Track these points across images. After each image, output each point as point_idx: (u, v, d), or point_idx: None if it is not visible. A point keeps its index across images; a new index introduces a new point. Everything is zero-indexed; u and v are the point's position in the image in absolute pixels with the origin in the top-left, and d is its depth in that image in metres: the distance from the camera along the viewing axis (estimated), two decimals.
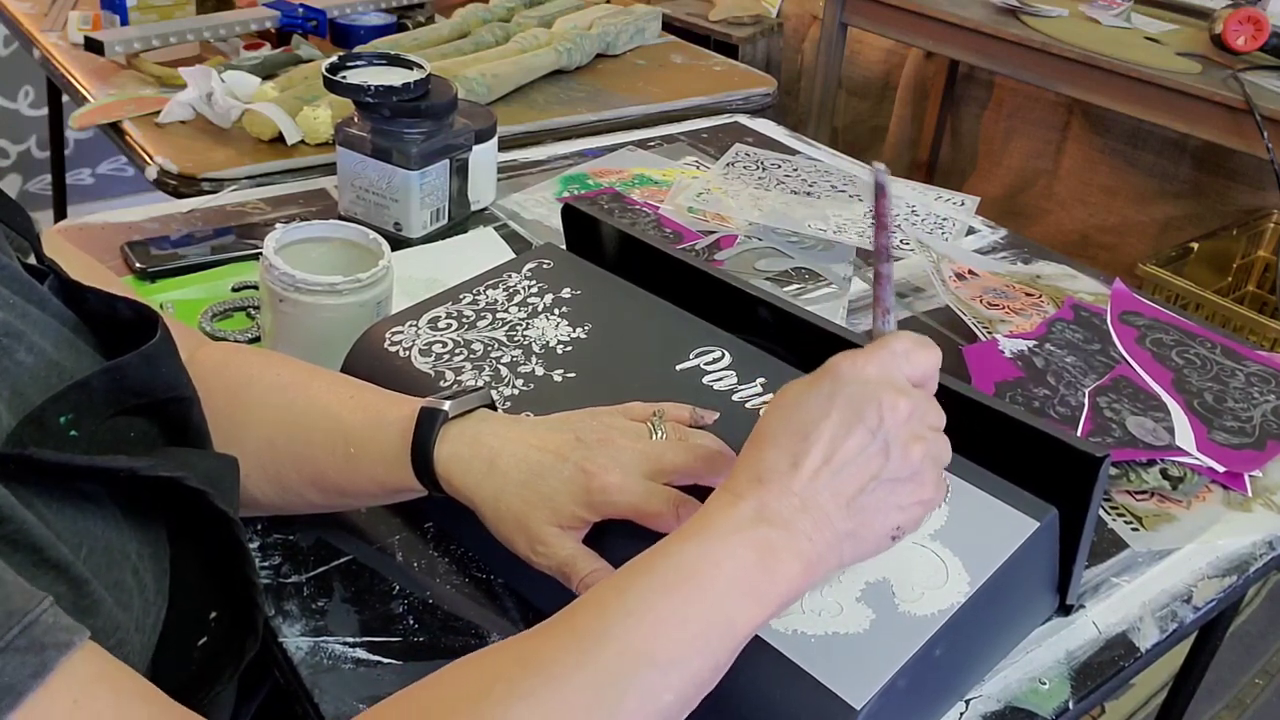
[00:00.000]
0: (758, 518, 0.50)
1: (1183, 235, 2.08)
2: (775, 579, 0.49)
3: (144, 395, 0.52)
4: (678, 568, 0.49)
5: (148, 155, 1.23)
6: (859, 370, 0.52)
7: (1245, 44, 1.81)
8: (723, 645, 0.48)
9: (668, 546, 0.50)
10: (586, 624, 0.47)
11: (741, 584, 0.48)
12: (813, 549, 0.50)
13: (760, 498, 0.50)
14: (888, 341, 0.53)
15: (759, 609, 0.49)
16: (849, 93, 2.72)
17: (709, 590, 0.48)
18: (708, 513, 0.51)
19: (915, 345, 0.54)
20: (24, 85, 2.58)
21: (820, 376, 0.53)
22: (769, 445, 0.52)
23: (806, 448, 0.51)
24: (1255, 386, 0.93)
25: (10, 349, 0.49)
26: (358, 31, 1.55)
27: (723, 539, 0.49)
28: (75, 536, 0.46)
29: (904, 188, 1.29)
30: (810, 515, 0.50)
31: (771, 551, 0.49)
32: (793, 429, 0.51)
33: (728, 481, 0.52)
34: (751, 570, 0.49)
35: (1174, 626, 0.70)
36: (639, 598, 0.48)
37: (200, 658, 0.51)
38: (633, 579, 0.49)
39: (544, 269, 0.81)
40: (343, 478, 0.63)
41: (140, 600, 0.48)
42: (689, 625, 0.47)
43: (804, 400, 0.52)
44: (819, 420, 0.51)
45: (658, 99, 1.54)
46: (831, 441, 0.50)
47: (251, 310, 0.93)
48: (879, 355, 0.52)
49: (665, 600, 0.47)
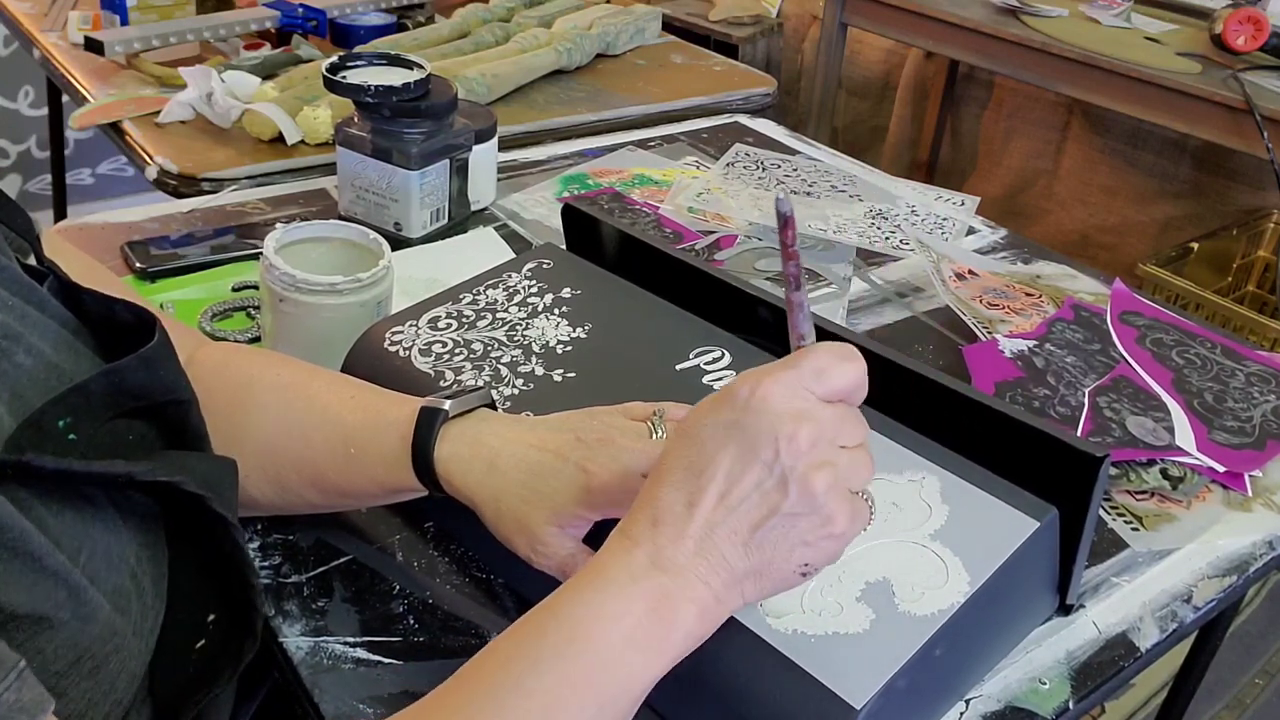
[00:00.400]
0: (651, 565, 0.48)
1: (1183, 235, 2.08)
2: (672, 629, 0.48)
3: (142, 398, 0.52)
4: (571, 627, 0.47)
5: (148, 155, 1.23)
6: (760, 397, 0.49)
7: (1245, 44, 1.81)
8: (622, 703, 0.47)
9: (559, 603, 0.48)
10: (479, 699, 0.46)
11: (637, 639, 0.47)
12: (709, 593, 0.49)
13: (655, 543, 0.49)
14: (799, 358, 0.50)
15: (657, 660, 0.48)
16: (849, 93, 2.72)
17: (603, 649, 0.47)
18: (601, 561, 0.49)
19: (832, 360, 0.50)
20: (24, 85, 2.58)
21: (722, 402, 0.50)
22: (665, 481, 0.50)
23: (701, 485, 0.49)
24: (1255, 386, 0.93)
25: (9, 351, 0.48)
26: (358, 31, 1.55)
27: (616, 591, 0.48)
28: (74, 541, 0.45)
29: (904, 188, 1.29)
30: (706, 558, 0.48)
31: (667, 601, 0.48)
32: (689, 463, 0.49)
33: (625, 522, 0.51)
34: (646, 623, 0.48)
35: (1174, 626, 0.70)
36: (529, 665, 0.46)
37: (198, 660, 0.51)
38: (524, 644, 0.47)
39: (544, 269, 0.81)
40: (343, 478, 0.63)
41: (139, 604, 0.48)
42: (583, 690, 0.46)
43: (702, 431, 0.50)
44: (715, 454, 0.49)
45: (658, 99, 1.54)
46: (727, 478, 0.48)
47: (251, 310, 0.93)
48: (784, 376, 0.49)
49: (558, 666, 0.46)
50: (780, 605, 0.55)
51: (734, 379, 0.51)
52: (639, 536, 0.49)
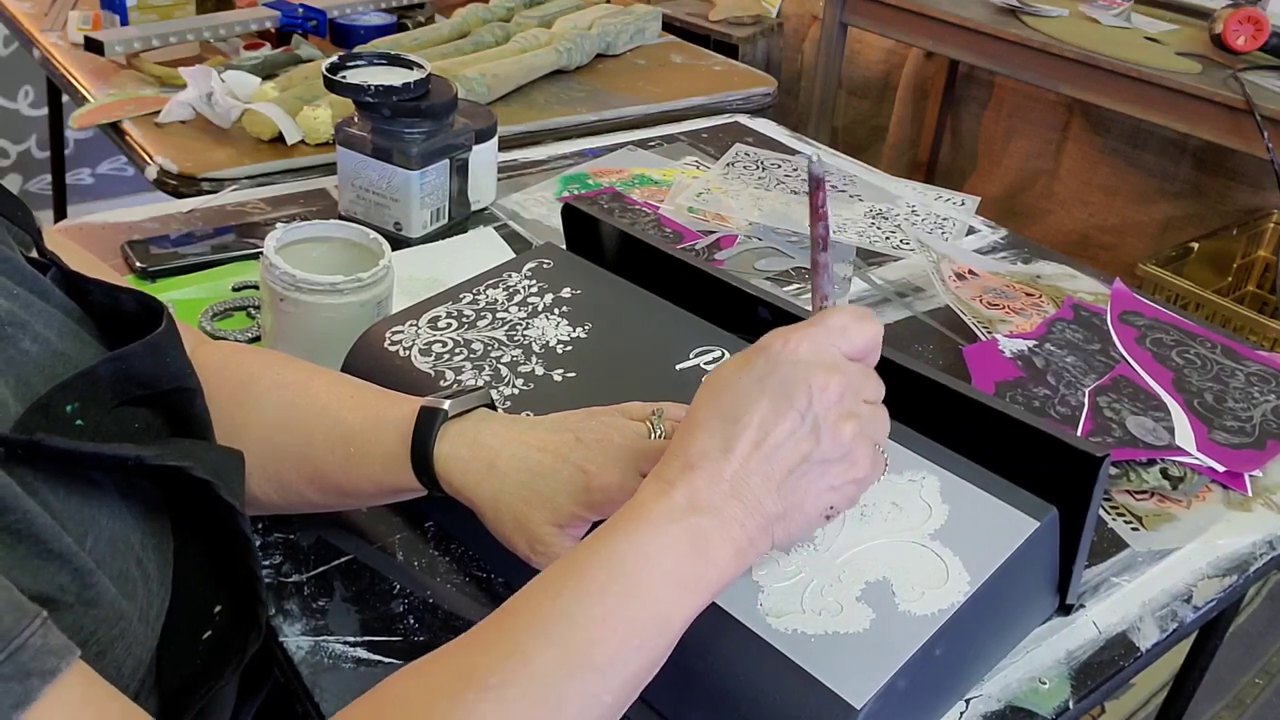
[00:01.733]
0: (689, 506, 0.49)
1: (1183, 235, 2.08)
2: (709, 567, 0.49)
3: (149, 385, 0.52)
4: (610, 564, 0.48)
5: (148, 155, 1.23)
6: (791, 349, 0.51)
7: (1245, 44, 1.81)
8: (660, 640, 0.48)
9: (599, 542, 0.49)
10: (521, 631, 0.47)
11: (676, 576, 0.48)
12: (744, 534, 0.50)
13: (691, 485, 0.50)
14: (824, 317, 0.53)
15: (694, 599, 0.49)
16: (849, 93, 2.72)
17: (644, 586, 0.48)
18: (640, 502, 0.50)
19: (853, 320, 0.53)
20: (24, 85, 2.58)
21: (753, 356, 0.52)
22: (700, 429, 0.51)
23: (737, 432, 0.50)
24: (1255, 386, 0.93)
25: (15, 338, 0.49)
26: (358, 31, 1.55)
27: (655, 531, 0.49)
28: (81, 525, 0.46)
29: (904, 187, 1.29)
30: (741, 500, 0.50)
31: (705, 539, 0.49)
32: (724, 412, 0.51)
33: (659, 467, 0.52)
34: (685, 561, 0.49)
35: (1174, 626, 0.70)
36: (573, 600, 0.47)
37: (205, 651, 0.51)
38: (566, 579, 0.48)
39: (544, 269, 0.81)
40: (343, 477, 0.63)
41: (144, 590, 0.49)
42: (626, 624, 0.47)
43: (736, 382, 0.52)
44: (750, 403, 0.51)
45: (658, 99, 1.54)
46: (762, 425, 0.50)
47: (252, 310, 0.93)
48: (812, 332, 0.52)
49: (601, 601, 0.47)
50: (780, 605, 0.55)
51: (765, 335, 0.53)
52: (674, 479, 0.50)
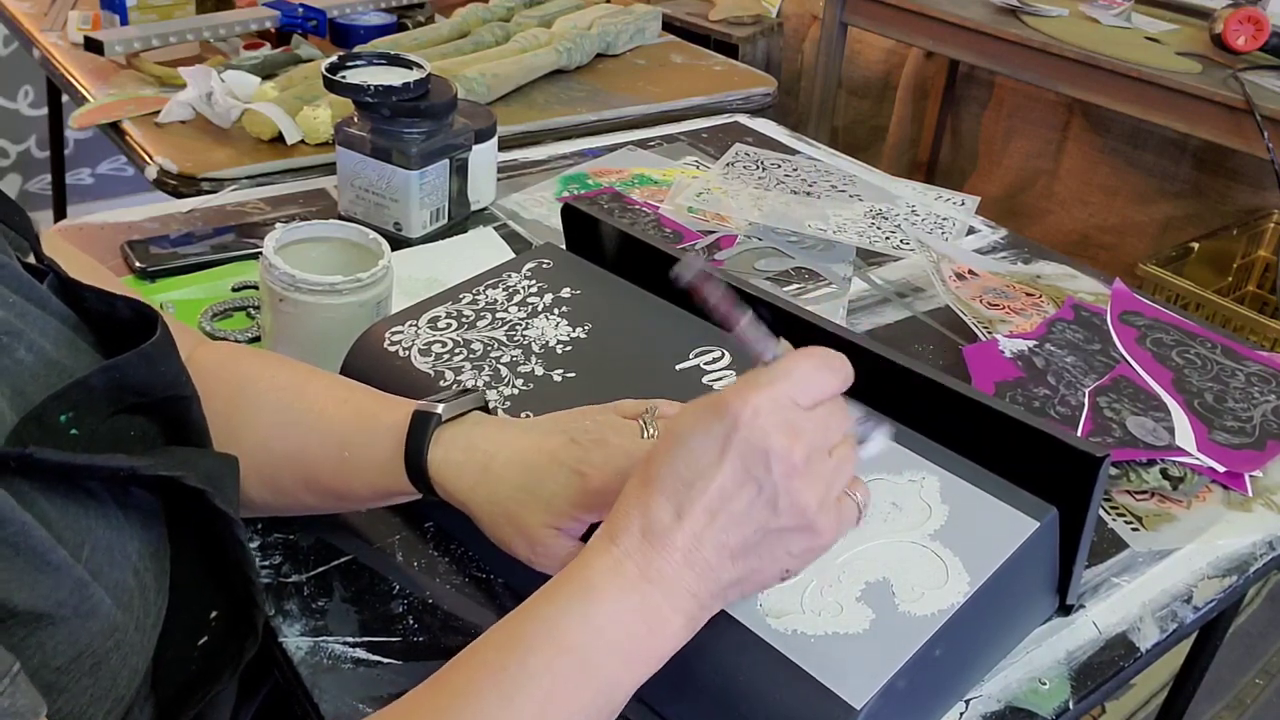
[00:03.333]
0: (640, 576, 0.49)
1: (1183, 235, 2.08)
2: (659, 639, 0.49)
3: (144, 393, 0.52)
4: (557, 639, 0.47)
5: (148, 155, 1.23)
6: (751, 411, 0.48)
7: (1245, 44, 1.81)
8: (608, 708, 0.48)
9: (543, 610, 0.49)
10: (463, 713, 0.46)
11: (626, 649, 0.48)
12: (695, 604, 0.49)
13: (645, 554, 0.49)
14: (787, 369, 0.50)
15: (643, 669, 0.49)
16: (849, 92, 2.72)
17: (592, 662, 0.47)
18: (590, 569, 0.49)
19: (814, 369, 0.50)
20: (24, 85, 2.58)
21: (712, 413, 0.49)
22: (655, 491, 0.50)
23: (692, 498, 0.49)
24: (1255, 386, 0.93)
25: (10, 347, 0.48)
26: (358, 31, 1.55)
27: (605, 603, 0.48)
28: (76, 536, 0.45)
29: (904, 187, 1.29)
30: (694, 570, 0.49)
31: (655, 612, 0.48)
32: (679, 474, 0.49)
33: (608, 525, 0.50)
34: (636, 635, 0.48)
35: (1174, 626, 0.70)
36: (517, 680, 0.46)
37: (200, 658, 0.51)
38: (509, 653, 0.47)
39: (544, 269, 0.81)
40: (338, 481, 0.63)
41: (141, 600, 0.48)
42: (571, 703, 0.46)
43: (693, 441, 0.49)
44: (707, 469, 0.48)
45: (658, 99, 1.54)
46: (719, 494, 0.48)
47: (251, 310, 0.93)
48: (773, 391, 0.49)
49: (545, 680, 0.46)
50: (780, 605, 0.55)
51: (722, 390, 0.50)
52: (629, 547, 0.49)
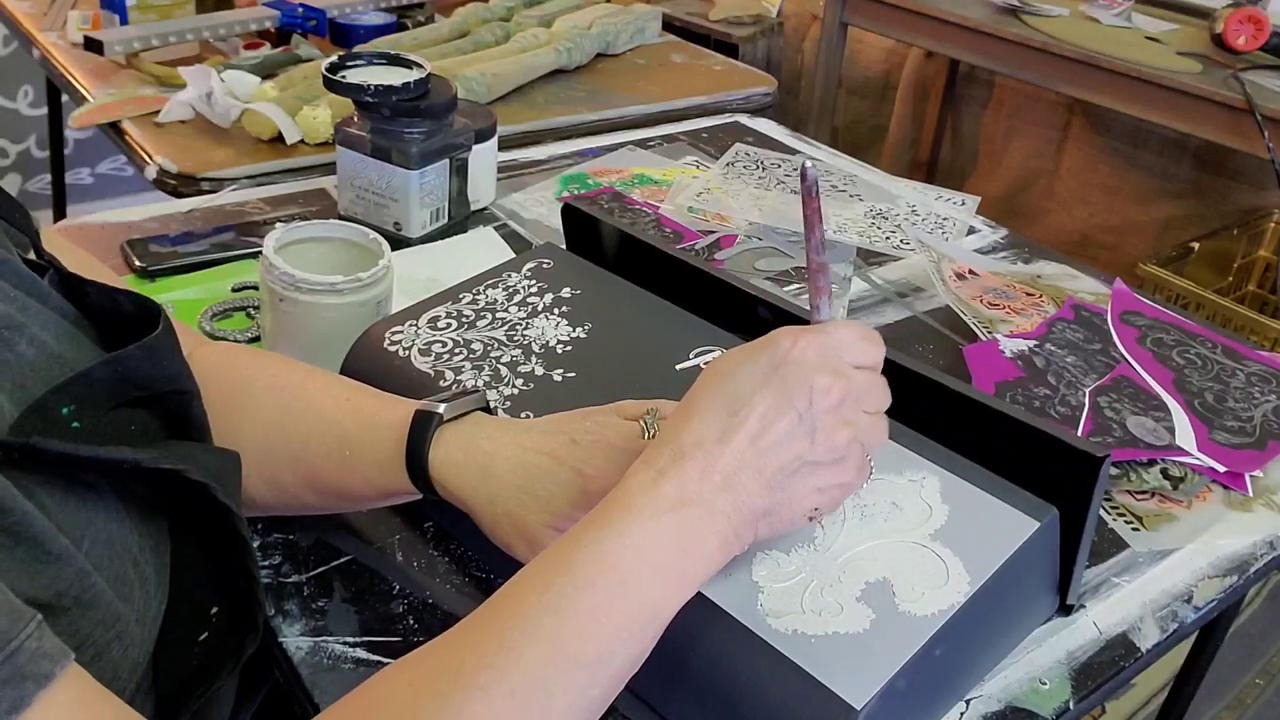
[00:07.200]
0: (678, 499, 0.50)
1: (1183, 235, 2.08)
2: (695, 561, 0.50)
3: (145, 387, 0.52)
4: (597, 558, 0.48)
5: (147, 155, 1.23)
6: (799, 350, 0.52)
7: (1246, 43, 1.81)
8: (648, 632, 0.48)
9: (585, 534, 0.49)
10: (509, 627, 0.46)
11: (663, 570, 0.49)
12: (730, 527, 0.50)
13: (681, 476, 0.50)
14: (835, 329, 0.53)
15: (681, 591, 0.49)
16: (849, 92, 2.72)
17: (632, 581, 0.48)
18: (627, 492, 0.50)
19: (859, 338, 0.54)
20: (24, 85, 2.58)
21: (760, 349, 0.52)
22: (697, 415, 0.51)
23: (736, 424, 0.51)
24: (1256, 386, 0.93)
25: (11, 341, 0.49)
26: (357, 31, 1.55)
27: (643, 524, 0.49)
28: (77, 528, 0.46)
29: (904, 187, 1.29)
30: (730, 494, 0.50)
31: (691, 533, 0.49)
32: (724, 401, 0.51)
33: (649, 453, 0.52)
34: (673, 555, 0.49)
35: (1174, 626, 0.70)
36: (561, 595, 0.47)
37: (201, 653, 0.51)
38: (553, 574, 0.48)
39: (544, 269, 0.81)
40: (338, 481, 0.63)
41: (141, 593, 0.48)
42: (615, 618, 0.47)
43: (739, 373, 0.52)
44: (751, 396, 0.51)
45: (658, 99, 1.54)
46: (761, 420, 0.51)
47: (251, 310, 0.93)
48: (821, 339, 0.52)
49: (589, 595, 0.47)
50: (780, 605, 0.55)
51: (774, 331, 0.53)
52: (665, 469, 0.50)
